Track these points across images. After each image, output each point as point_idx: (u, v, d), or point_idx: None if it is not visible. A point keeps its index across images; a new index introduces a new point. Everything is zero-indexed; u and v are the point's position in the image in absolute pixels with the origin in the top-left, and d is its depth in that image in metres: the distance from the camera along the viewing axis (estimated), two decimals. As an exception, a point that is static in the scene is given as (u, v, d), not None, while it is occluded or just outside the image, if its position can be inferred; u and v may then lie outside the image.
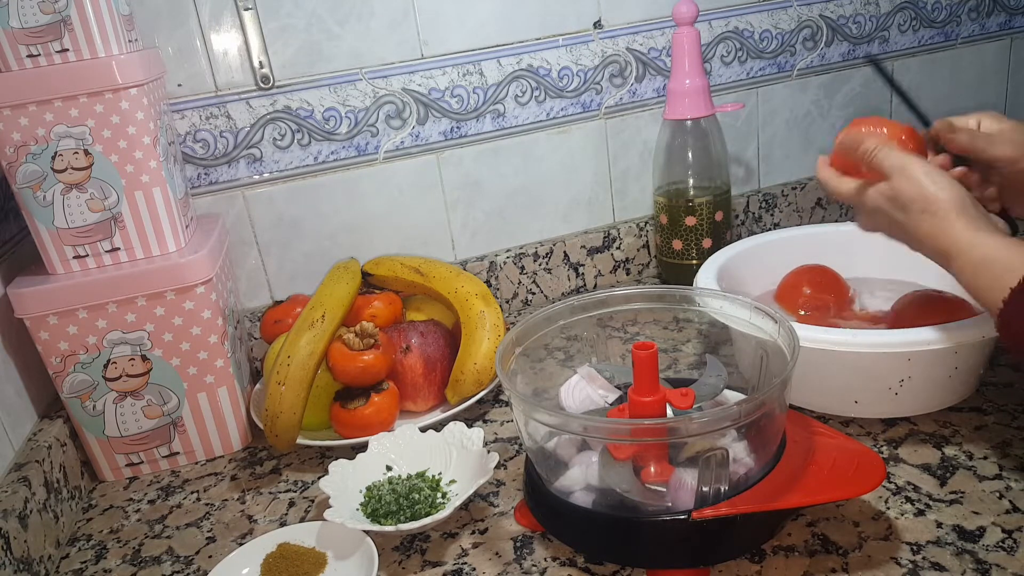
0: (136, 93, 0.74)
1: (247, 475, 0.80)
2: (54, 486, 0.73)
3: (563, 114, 1.06)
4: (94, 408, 0.78)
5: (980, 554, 0.56)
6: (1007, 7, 1.27)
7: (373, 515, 0.66)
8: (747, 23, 1.12)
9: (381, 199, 1.01)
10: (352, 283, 0.88)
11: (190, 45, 0.90)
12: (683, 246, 1.04)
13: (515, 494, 0.70)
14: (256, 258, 0.99)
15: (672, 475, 0.57)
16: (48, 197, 0.74)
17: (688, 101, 0.98)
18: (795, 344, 0.59)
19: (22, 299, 0.73)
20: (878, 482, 0.55)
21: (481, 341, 0.83)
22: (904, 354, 0.67)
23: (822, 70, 1.18)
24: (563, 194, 1.10)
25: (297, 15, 0.92)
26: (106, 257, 0.77)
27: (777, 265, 0.89)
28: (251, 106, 0.93)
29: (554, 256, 1.10)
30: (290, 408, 0.75)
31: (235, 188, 0.95)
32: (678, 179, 1.04)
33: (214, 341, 0.80)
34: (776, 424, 0.60)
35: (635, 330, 0.91)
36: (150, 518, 0.75)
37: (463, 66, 1.00)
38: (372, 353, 0.77)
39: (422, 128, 1.00)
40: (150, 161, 0.76)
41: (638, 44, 1.07)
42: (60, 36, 0.71)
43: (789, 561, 0.58)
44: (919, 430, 0.71)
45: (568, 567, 0.60)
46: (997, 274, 0.56)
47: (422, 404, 0.84)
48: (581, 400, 0.69)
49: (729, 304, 0.70)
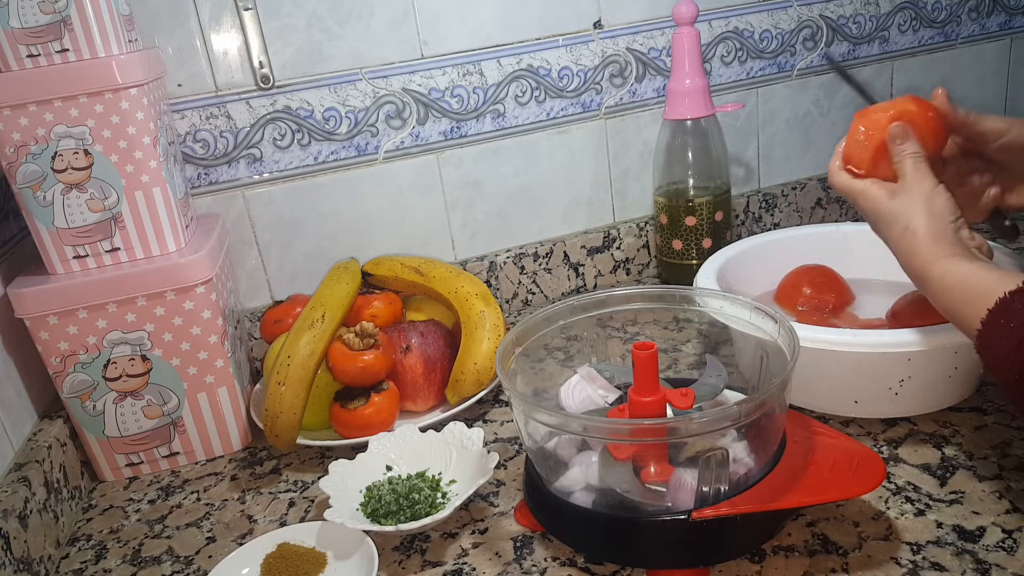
0: (136, 93, 0.74)
1: (247, 475, 0.80)
2: (54, 486, 0.73)
3: (563, 114, 1.06)
4: (94, 408, 0.78)
5: (980, 554, 0.56)
6: (1007, 7, 1.27)
7: (373, 515, 0.66)
8: (747, 23, 1.12)
9: (381, 199, 1.01)
10: (352, 283, 0.88)
11: (190, 45, 0.90)
12: (683, 246, 1.04)
13: (515, 494, 0.70)
14: (256, 258, 0.99)
15: (672, 475, 0.57)
16: (48, 197, 0.74)
17: (688, 101, 0.98)
18: (795, 344, 0.59)
19: (22, 299, 0.73)
20: (878, 482, 0.55)
21: (481, 341, 0.83)
22: (904, 354, 0.67)
23: (822, 70, 1.18)
24: (563, 194, 1.10)
25: (297, 15, 0.92)
26: (106, 257, 0.77)
27: (777, 265, 0.89)
28: (251, 106, 0.93)
29: (554, 256, 1.10)
30: (290, 408, 0.75)
31: (235, 188, 0.96)
32: (678, 179, 1.04)
33: (214, 341, 0.80)
34: (776, 424, 0.60)
35: (635, 330, 0.91)
36: (150, 518, 0.75)
37: (463, 66, 1.00)
38: (372, 353, 0.77)
39: (422, 128, 1.01)
40: (150, 161, 0.76)
41: (638, 44, 1.07)
42: (60, 36, 0.71)
43: (789, 561, 0.58)
44: (919, 430, 0.71)
45: (568, 567, 0.60)
46: (970, 299, 0.56)
47: (422, 404, 0.84)
48: (581, 400, 0.69)
49: (729, 304, 0.70)
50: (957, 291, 0.57)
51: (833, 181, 0.69)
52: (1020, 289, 0.53)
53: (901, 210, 0.62)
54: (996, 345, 0.54)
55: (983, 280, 0.56)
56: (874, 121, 0.66)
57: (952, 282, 0.58)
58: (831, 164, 0.70)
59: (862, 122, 0.67)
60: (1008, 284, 0.54)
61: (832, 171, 0.69)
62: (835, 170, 0.69)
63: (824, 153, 1.22)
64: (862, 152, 0.67)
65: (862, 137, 0.67)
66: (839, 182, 0.68)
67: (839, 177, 0.69)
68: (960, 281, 0.58)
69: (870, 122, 0.66)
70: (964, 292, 0.57)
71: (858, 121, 0.68)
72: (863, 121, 0.67)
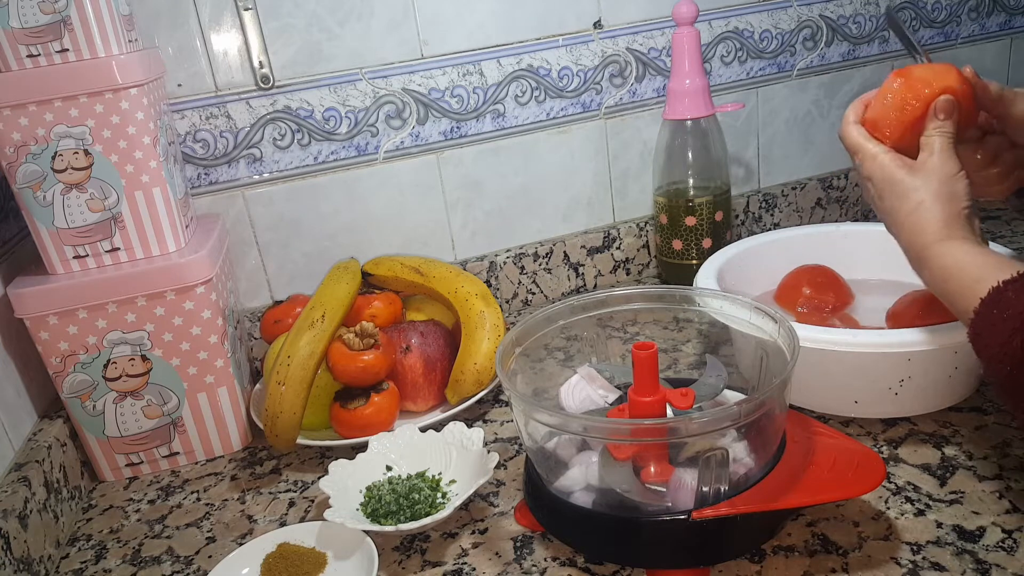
0: (136, 93, 0.74)
1: (247, 475, 0.80)
2: (54, 486, 0.73)
3: (563, 114, 1.06)
4: (94, 408, 0.78)
5: (980, 554, 0.56)
6: (1007, 7, 1.27)
7: (373, 515, 0.66)
8: (747, 23, 1.12)
9: (381, 199, 1.01)
10: (352, 283, 0.88)
11: (190, 45, 0.90)
12: (683, 246, 1.04)
13: (515, 494, 0.70)
14: (256, 258, 0.99)
15: (672, 475, 0.57)
16: (48, 197, 0.74)
17: (688, 101, 0.98)
18: (795, 344, 0.59)
19: (22, 299, 0.73)
20: (878, 482, 0.55)
21: (481, 341, 0.83)
22: (904, 354, 0.67)
23: (822, 70, 1.18)
24: (563, 194, 1.10)
25: (297, 15, 0.92)
26: (106, 257, 0.77)
27: (777, 265, 0.89)
28: (251, 106, 0.93)
29: (554, 256, 1.10)
30: (290, 408, 0.75)
31: (235, 188, 0.96)
32: (678, 179, 1.04)
33: (214, 341, 0.80)
34: (776, 424, 0.60)
35: (635, 330, 0.91)
36: (150, 518, 0.75)
37: (463, 66, 1.00)
38: (372, 353, 0.77)
39: (422, 128, 1.01)
40: (150, 161, 0.76)
41: (638, 44, 1.07)
42: (60, 36, 0.71)
43: (789, 561, 0.58)
44: (919, 430, 0.71)
45: (568, 567, 0.60)
46: (966, 285, 0.55)
47: (422, 404, 0.84)
48: (581, 400, 0.69)
49: (729, 304, 0.70)
50: (955, 276, 0.56)
51: (846, 133, 0.66)
52: (1015, 278, 0.52)
53: (919, 185, 0.61)
54: (988, 335, 0.53)
55: (982, 266, 0.55)
56: (917, 91, 0.62)
57: (950, 264, 0.57)
58: (847, 114, 0.66)
59: (903, 87, 0.63)
60: (1004, 272, 0.53)
61: (847, 122, 0.66)
62: (850, 122, 0.66)
63: (824, 153, 1.22)
64: (896, 117, 0.63)
65: (900, 101, 0.63)
66: (853, 137, 0.65)
67: (853, 131, 0.65)
68: (958, 265, 0.57)
69: (912, 90, 0.62)
70: (961, 278, 0.56)
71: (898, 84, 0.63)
72: (905, 86, 0.63)
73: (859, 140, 0.65)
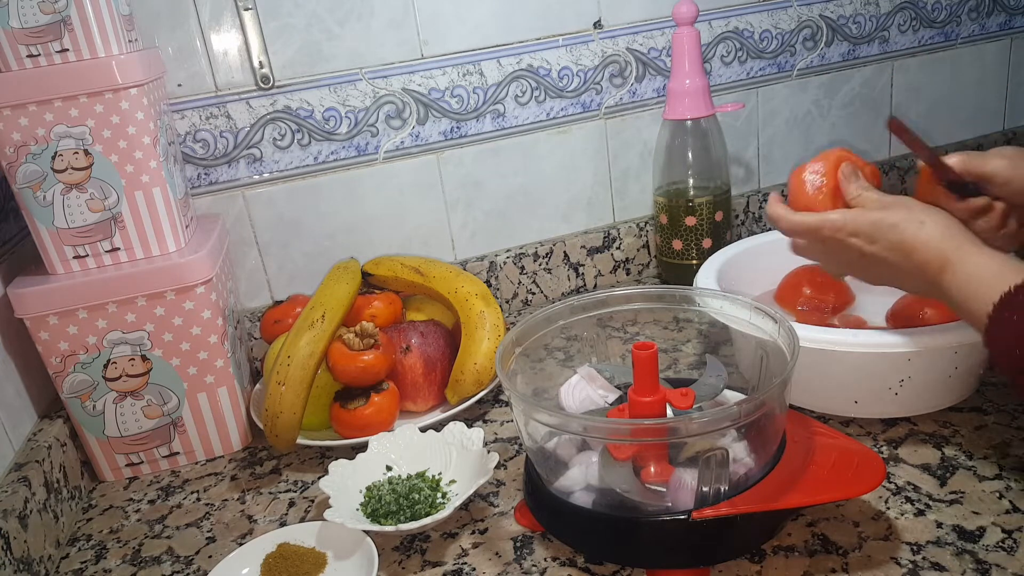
0: (136, 93, 0.74)
1: (247, 475, 0.80)
2: (54, 486, 0.73)
3: (563, 114, 1.06)
4: (94, 408, 0.78)
5: (980, 554, 0.56)
6: (1007, 7, 1.27)
7: (373, 515, 0.66)
8: (747, 23, 1.12)
9: (381, 199, 1.01)
10: (352, 283, 0.88)
11: (190, 45, 0.90)
12: (683, 246, 1.04)
13: (515, 494, 0.70)
14: (256, 258, 0.99)
15: (672, 475, 0.57)
16: (48, 197, 0.74)
17: (688, 101, 0.98)
18: (795, 344, 0.59)
19: (22, 299, 0.73)
20: (878, 482, 0.55)
21: (481, 341, 0.83)
22: (904, 354, 0.67)
23: (822, 70, 1.18)
24: (563, 194, 1.10)
25: (297, 15, 0.92)
26: (106, 257, 0.77)
27: (777, 265, 0.89)
28: (251, 106, 0.93)
29: (554, 256, 1.10)
30: (290, 408, 0.75)
31: (235, 188, 0.96)
32: (678, 179, 1.04)
33: (214, 341, 0.80)
34: (776, 424, 0.60)
35: (635, 330, 0.91)
36: (150, 518, 0.75)
37: (463, 66, 1.00)
38: (372, 353, 0.77)
39: (422, 128, 1.01)
40: (150, 161, 0.76)
41: (638, 44, 1.07)
42: (60, 36, 0.71)
43: (789, 561, 0.58)
44: (919, 430, 0.71)
45: (568, 567, 0.60)
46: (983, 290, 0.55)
47: (422, 404, 0.84)
48: (581, 400, 0.69)
49: (729, 304, 0.70)
50: (973, 285, 0.57)
51: (795, 223, 0.67)
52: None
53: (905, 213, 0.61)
54: (1001, 339, 0.53)
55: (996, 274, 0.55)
56: (818, 170, 0.68)
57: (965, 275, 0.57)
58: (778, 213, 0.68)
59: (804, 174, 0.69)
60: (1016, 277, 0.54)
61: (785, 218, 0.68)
62: (789, 217, 0.68)
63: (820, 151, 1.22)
64: (817, 197, 0.68)
65: (818, 182, 0.68)
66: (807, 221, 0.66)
67: (799, 217, 0.67)
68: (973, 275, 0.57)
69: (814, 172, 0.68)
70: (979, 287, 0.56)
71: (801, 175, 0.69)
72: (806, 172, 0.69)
73: (816, 217, 0.66)
